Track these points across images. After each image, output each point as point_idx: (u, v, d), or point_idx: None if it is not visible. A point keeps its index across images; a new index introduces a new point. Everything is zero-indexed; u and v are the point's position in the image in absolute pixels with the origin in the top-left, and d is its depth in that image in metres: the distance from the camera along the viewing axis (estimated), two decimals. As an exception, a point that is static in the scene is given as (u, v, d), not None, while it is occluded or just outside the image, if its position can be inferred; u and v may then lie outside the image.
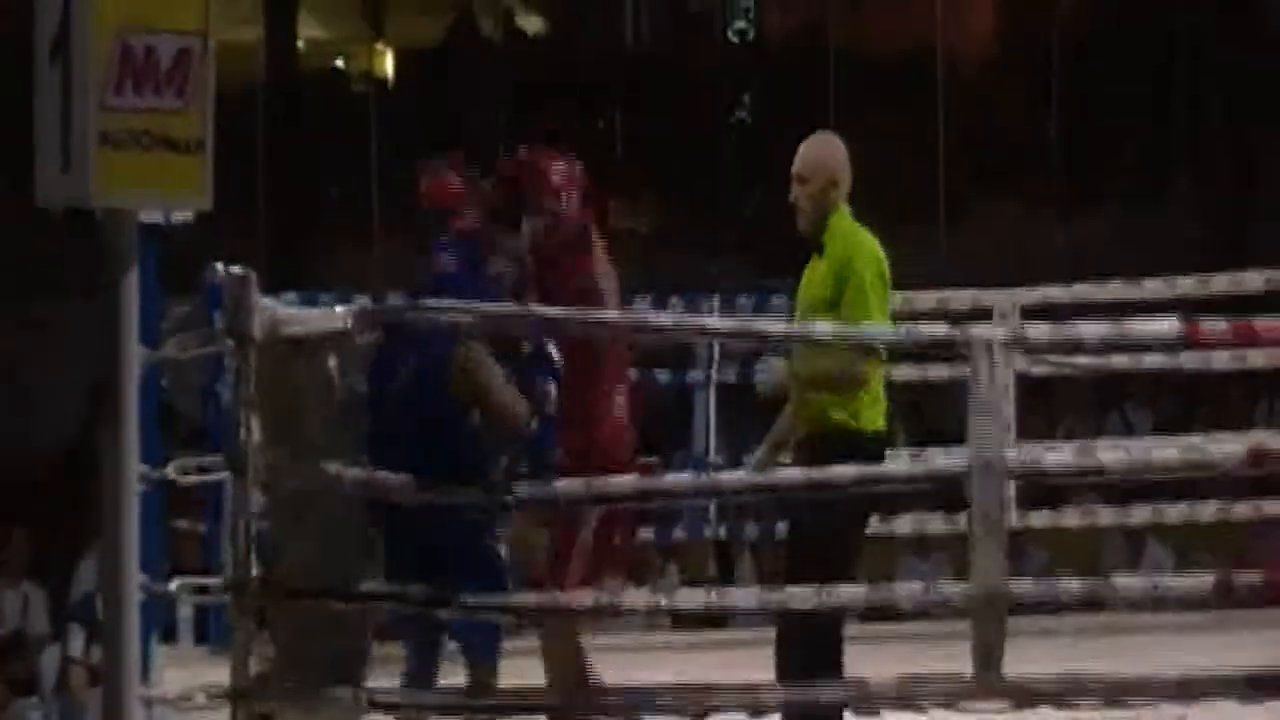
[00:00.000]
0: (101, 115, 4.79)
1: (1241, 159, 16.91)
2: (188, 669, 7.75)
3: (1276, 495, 9.88)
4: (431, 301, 5.57)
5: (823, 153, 6.09)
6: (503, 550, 6.03)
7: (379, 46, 18.18)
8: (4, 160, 12.13)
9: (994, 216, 17.08)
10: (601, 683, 5.79)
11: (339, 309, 5.61)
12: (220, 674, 5.31)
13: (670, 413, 12.45)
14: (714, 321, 6.32)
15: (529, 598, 5.61)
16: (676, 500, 6.09)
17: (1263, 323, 5.58)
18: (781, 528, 9.62)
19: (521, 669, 6.37)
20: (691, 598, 5.59)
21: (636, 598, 5.50)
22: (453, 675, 6.15)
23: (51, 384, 15.02)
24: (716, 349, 9.50)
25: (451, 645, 6.15)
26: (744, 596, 5.89)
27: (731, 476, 5.48)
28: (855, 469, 5.38)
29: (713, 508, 9.92)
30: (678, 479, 5.94)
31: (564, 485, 5.48)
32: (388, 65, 18.25)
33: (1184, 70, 17.59)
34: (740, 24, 18.43)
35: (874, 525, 9.58)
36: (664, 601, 5.49)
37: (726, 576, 11.56)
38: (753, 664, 7.24)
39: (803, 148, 6.11)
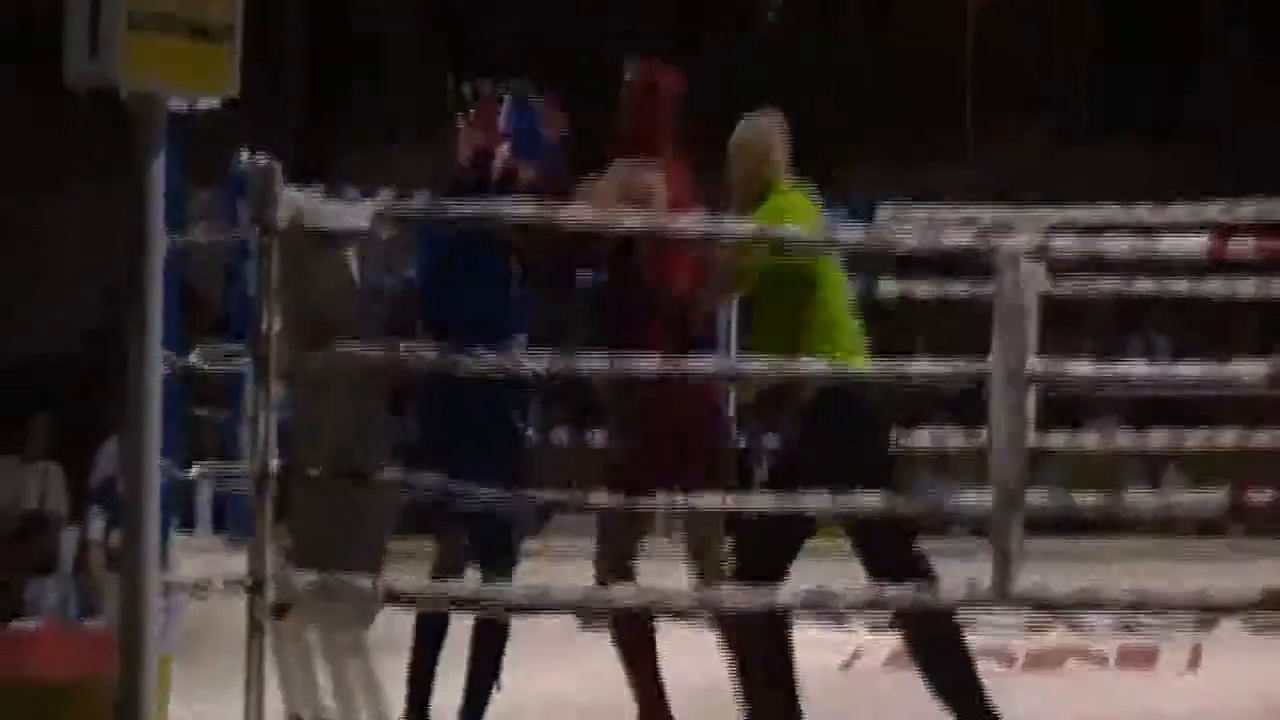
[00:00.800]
0: (129, -1, 4.78)
1: (1272, 103, 16.82)
2: (205, 556, 7.79)
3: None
4: (452, 202, 5.60)
5: (755, 132, 6.10)
6: (525, 435, 6.12)
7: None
8: (29, 43, 12.11)
9: (1022, 140, 17.01)
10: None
11: (363, 205, 5.60)
12: (237, 562, 5.33)
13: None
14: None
15: (549, 494, 5.62)
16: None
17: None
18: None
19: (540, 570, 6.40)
20: (709, 500, 5.60)
21: (656, 500, 5.47)
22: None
23: (75, 268, 15.04)
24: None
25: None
26: (759, 500, 5.89)
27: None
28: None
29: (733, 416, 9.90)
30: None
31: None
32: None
33: (1214, 10, 17.49)
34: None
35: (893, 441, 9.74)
36: (682, 502, 5.48)
37: (745, 486, 11.57)
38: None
39: (738, 128, 6.13)
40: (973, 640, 7.02)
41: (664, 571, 6.21)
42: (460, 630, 6.14)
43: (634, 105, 5.99)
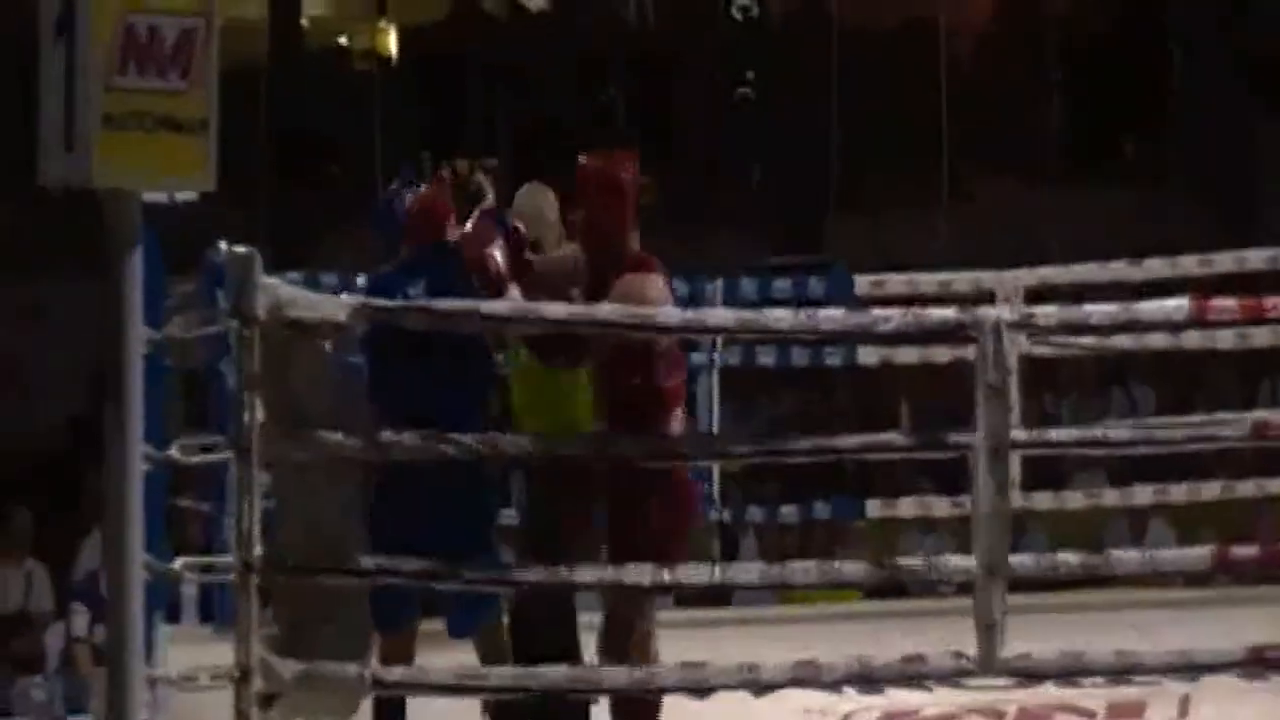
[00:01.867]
0: (105, 96, 4.80)
1: (1244, 142, 16.90)
2: (192, 648, 7.76)
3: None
4: (436, 303, 5.64)
5: (531, 203, 6.46)
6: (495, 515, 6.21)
7: (382, 24, 18.17)
8: (4, 141, 12.14)
9: (996, 195, 17.08)
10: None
11: (342, 299, 5.62)
12: (224, 654, 5.32)
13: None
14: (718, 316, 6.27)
15: (529, 571, 5.62)
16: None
17: (1271, 299, 5.59)
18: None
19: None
20: (697, 574, 5.61)
21: (641, 572, 5.48)
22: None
23: (56, 364, 15.02)
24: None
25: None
26: (747, 572, 5.89)
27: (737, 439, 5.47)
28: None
29: (716, 490, 9.93)
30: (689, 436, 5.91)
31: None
32: (391, 43, 18.24)
33: (1185, 53, 17.57)
34: (743, 1, 18.42)
35: (878, 508, 9.76)
36: (667, 577, 5.47)
37: (730, 558, 11.57)
38: (756, 641, 7.25)
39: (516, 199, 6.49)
40: (961, 698, 7.05)
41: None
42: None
43: (600, 203, 6.03)
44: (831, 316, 5.59)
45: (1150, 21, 17.81)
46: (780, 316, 5.57)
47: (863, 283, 9.59)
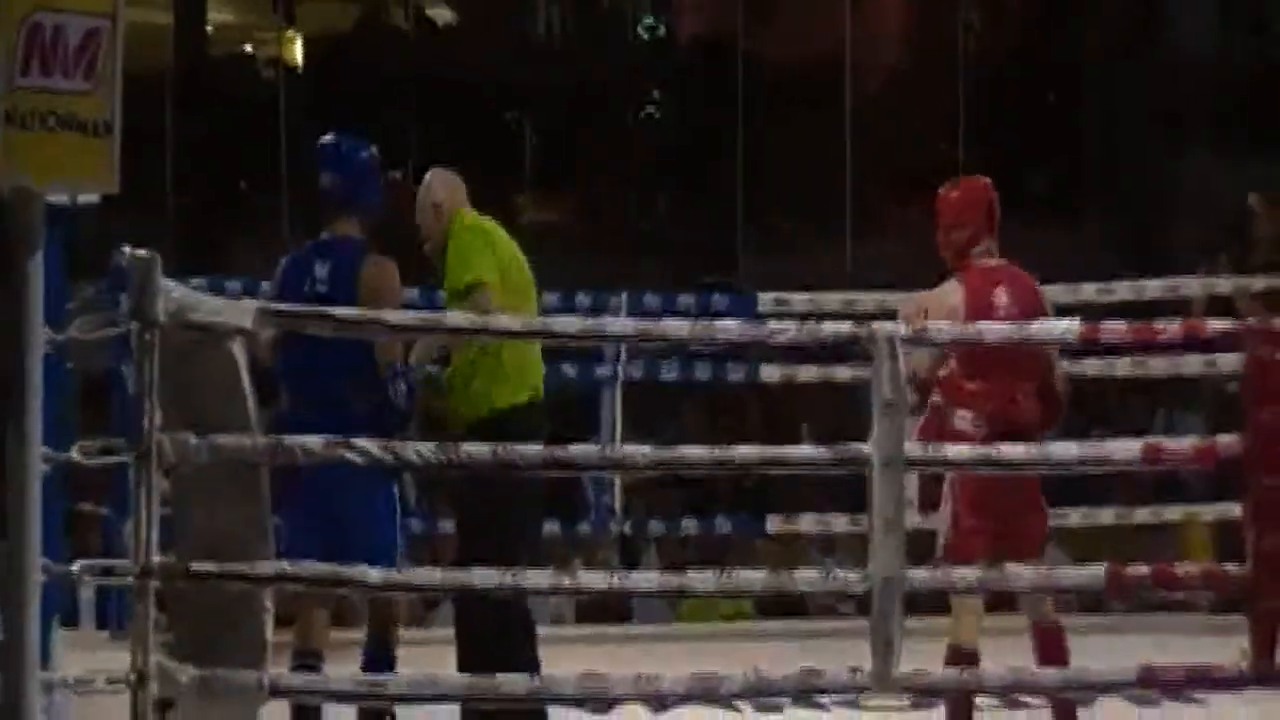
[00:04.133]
0: (8, 95, 4.78)
1: (1150, 181, 17.09)
2: (89, 653, 7.71)
3: (1175, 500, 10.04)
4: (335, 310, 5.67)
5: (425, 189, 6.72)
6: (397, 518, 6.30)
7: (289, 34, 18.12)
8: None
9: (901, 226, 17.20)
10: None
11: (245, 303, 5.60)
12: (121, 659, 5.29)
13: (577, 408, 12.48)
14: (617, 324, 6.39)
15: (432, 574, 5.62)
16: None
17: (1162, 323, 5.68)
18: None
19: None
20: (596, 580, 5.63)
21: (540, 577, 5.49)
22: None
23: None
24: (624, 346, 9.52)
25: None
26: (646, 581, 5.92)
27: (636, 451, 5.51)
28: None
29: (618, 503, 9.96)
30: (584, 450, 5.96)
31: None
32: (297, 53, 18.19)
33: (1094, 91, 17.76)
34: (650, 21, 18.48)
35: (778, 523, 9.81)
36: (567, 582, 5.49)
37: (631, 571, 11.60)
38: (655, 657, 7.27)
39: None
40: (857, 716, 7.08)
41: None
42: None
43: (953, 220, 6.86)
44: (728, 326, 5.62)
45: (1061, 56, 17.98)
46: (678, 325, 5.60)
47: (766, 300, 9.65)
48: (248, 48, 18.58)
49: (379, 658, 6.32)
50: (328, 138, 6.67)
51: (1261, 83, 16.79)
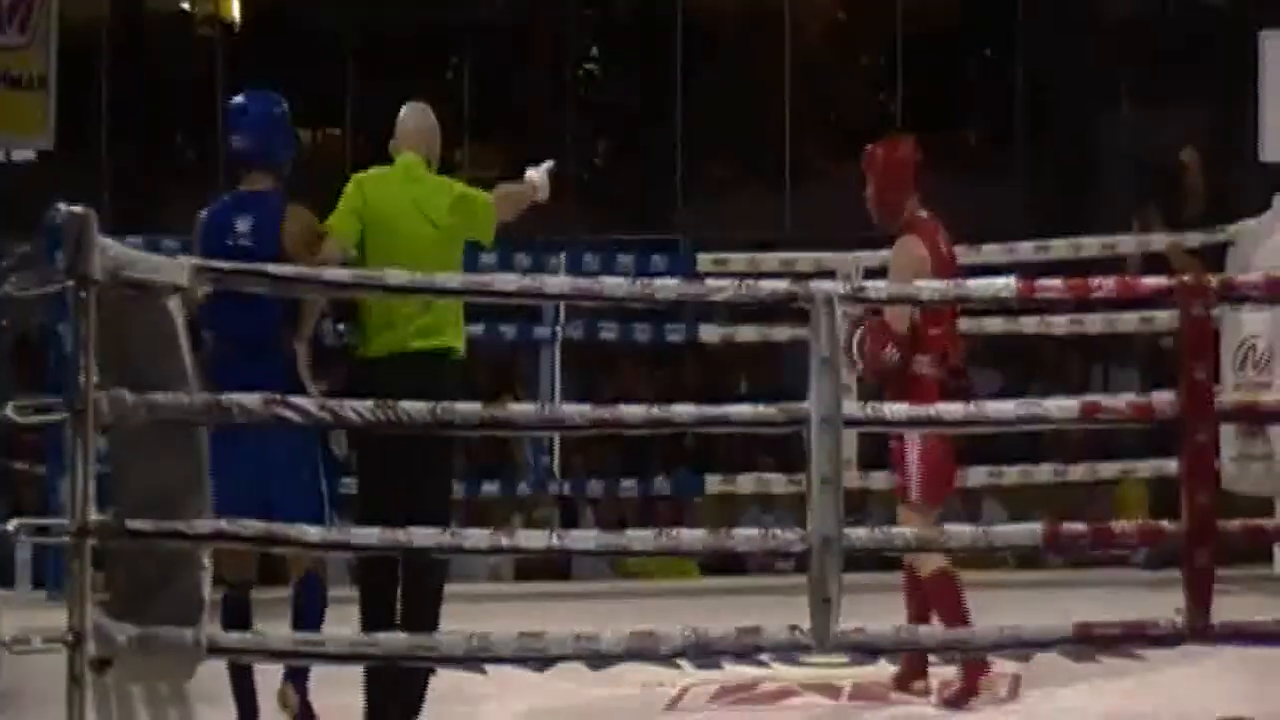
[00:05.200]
0: (-58, 49, 4.74)
1: (1080, 134, 17.17)
2: (25, 612, 7.69)
3: (1110, 458, 10.10)
4: (271, 267, 5.65)
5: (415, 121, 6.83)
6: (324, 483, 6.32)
7: (226, -10, 18.03)
8: None
9: (839, 180, 17.22)
10: None
11: (181, 260, 5.57)
12: (58, 618, 5.27)
13: (516, 368, 12.48)
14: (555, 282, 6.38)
15: (369, 533, 5.60)
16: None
17: (1098, 280, 5.70)
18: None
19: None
20: (534, 539, 5.62)
21: (479, 537, 5.48)
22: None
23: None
24: (563, 306, 9.52)
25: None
26: (584, 539, 5.92)
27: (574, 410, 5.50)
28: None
29: (556, 464, 9.95)
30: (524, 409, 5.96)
31: None
32: (235, 9, 18.07)
33: (1026, 46, 17.81)
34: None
35: (717, 483, 9.84)
36: (505, 541, 5.48)
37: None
38: (595, 615, 7.29)
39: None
40: (798, 673, 7.11)
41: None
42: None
43: (883, 176, 7.15)
44: (666, 285, 5.62)
45: (994, 13, 18.02)
46: (616, 283, 5.60)
47: (705, 260, 9.65)
48: (184, 4, 18.46)
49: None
50: (237, 99, 6.70)
51: (1188, 34, 16.90)
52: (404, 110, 6.81)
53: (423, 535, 5.50)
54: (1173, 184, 10.07)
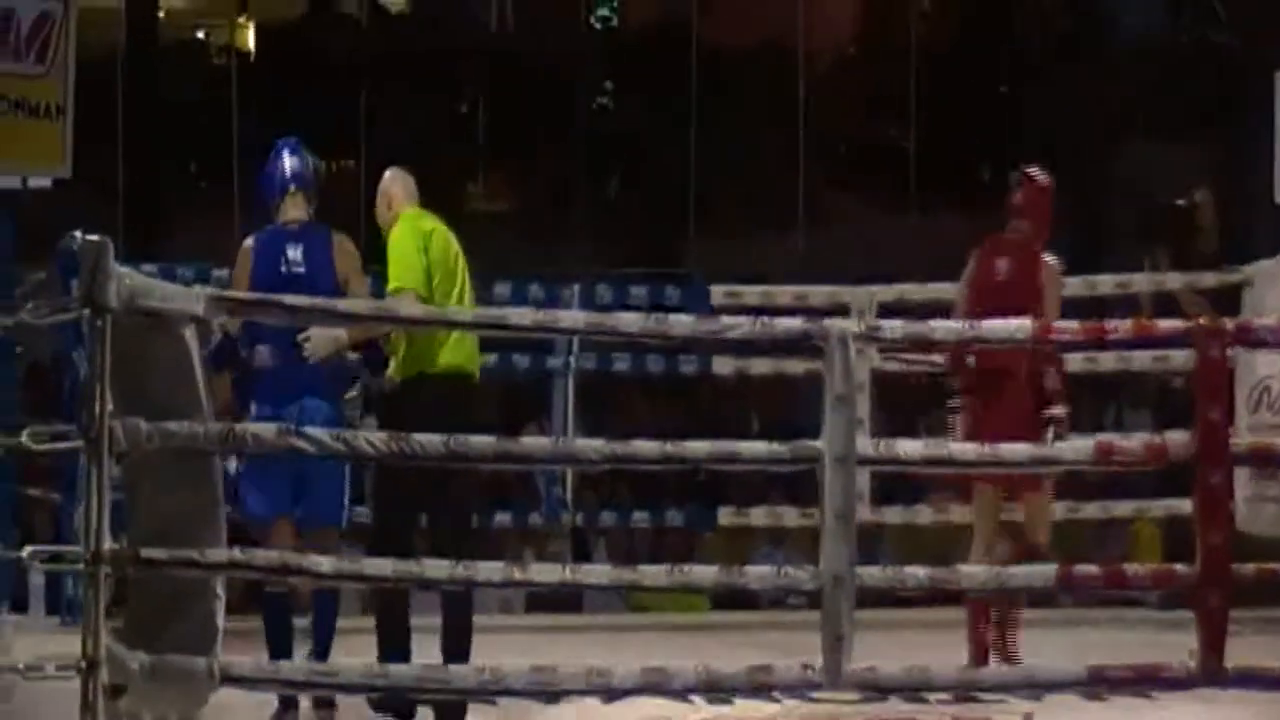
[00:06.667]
0: (-40, 79, 4.75)
1: (1098, 170, 17.16)
2: (39, 639, 7.67)
3: (1124, 497, 10.08)
4: (292, 299, 5.67)
5: (382, 185, 7.03)
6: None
7: (241, 20, 18.05)
8: None
9: (851, 215, 17.22)
10: None
11: (197, 290, 5.58)
12: (71, 645, 5.26)
13: (530, 398, 12.47)
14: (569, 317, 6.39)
15: (384, 565, 5.59)
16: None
17: (1113, 322, 5.69)
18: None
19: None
20: (547, 572, 5.61)
21: (493, 570, 5.48)
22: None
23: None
24: (576, 337, 9.50)
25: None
26: (597, 574, 5.91)
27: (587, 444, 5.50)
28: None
29: (569, 494, 9.94)
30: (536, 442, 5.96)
31: None
32: (249, 39, 18.11)
33: (1035, 82, 17.83)
34: (603, 11, 18.46)
35: (730, 516, 9.81)
36: (519, 575, 5.47)
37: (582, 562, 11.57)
38: (605, 648, 7.25)
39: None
40: (809, 710, 7.08)
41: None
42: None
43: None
44: (681, 321, 5.61)
45: (1006, 50, 18.04)
46: (631, 319, 5.59)
47: (718, 293, 9.65)
48: (200, 33, 18.50)
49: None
50: (283, 138, 6.98)
51: (1201, 74, 16.91)
52: (394, 173, 7.01)
53: (435, 567, 5.49)
54: (1185, 224, 10.06)
